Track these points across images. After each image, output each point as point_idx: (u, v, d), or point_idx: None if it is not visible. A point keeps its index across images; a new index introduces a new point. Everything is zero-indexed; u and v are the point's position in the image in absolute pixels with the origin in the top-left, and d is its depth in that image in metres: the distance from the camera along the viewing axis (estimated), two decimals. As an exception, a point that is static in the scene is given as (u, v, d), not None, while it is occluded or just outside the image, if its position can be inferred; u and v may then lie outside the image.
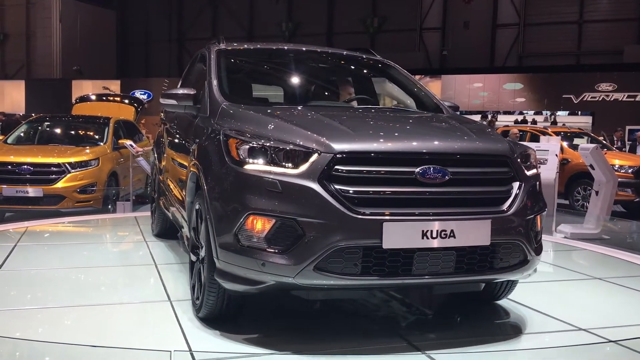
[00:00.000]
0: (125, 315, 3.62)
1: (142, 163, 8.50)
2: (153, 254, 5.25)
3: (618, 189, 7.56)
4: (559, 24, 27.00)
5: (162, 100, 4.05)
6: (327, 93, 4.97)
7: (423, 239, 2.88)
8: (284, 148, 2.99)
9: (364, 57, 4.87)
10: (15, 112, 23.80)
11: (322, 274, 2.84)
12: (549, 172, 7.30)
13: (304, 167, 2.92)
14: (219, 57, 4.27)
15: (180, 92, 3.99)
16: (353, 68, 5.11)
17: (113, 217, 7.80)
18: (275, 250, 2.89)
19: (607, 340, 3.33)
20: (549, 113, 22.86)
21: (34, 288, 4.20)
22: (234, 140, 3.12)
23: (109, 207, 8.49)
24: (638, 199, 10.28)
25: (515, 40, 28.07)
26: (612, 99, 22.74)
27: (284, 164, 2.96)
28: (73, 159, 8.27)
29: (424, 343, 3.19)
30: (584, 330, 3.47)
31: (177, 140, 4.69)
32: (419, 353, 3.04)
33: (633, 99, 22.39)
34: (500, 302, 3.93)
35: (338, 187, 2.88)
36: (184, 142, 4.28)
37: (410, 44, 29.52)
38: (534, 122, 20.36)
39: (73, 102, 13.72)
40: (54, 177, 8.05)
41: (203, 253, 3.34)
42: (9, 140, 9.31)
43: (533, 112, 23.13)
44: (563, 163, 10.51)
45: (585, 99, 23.14)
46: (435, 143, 3.15)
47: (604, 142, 13.29)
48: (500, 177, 3.19)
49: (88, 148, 8.88)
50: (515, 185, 3.18)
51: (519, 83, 24.47)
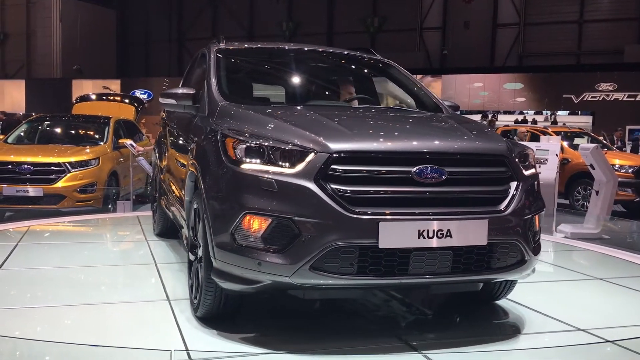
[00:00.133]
0: (124, 315, 3.62)
1: (142, 162, 8.50)
2: (154, 253, 5.25)
3: (618, 189, 7.56)
4: (560, 24, 26.98)
5: (161, 100, 4.05)
6: (326, 93, 4.97)
7: (419, 239, 2.88)
8: (281, 147, 2.99)
9: (364, 56, 4.86)
10: (16, 111, 23.78)
11: (318, 274, 2.84)
12: (549, 171, 7.31)
13: (301, 166, 2.92)
14: (219, 56, 4.27)
15: (180, 91, 3.99)
16: (353, 67, 5.10)
17: (115, 216, 7.79)
18: (272, 250, 2.89)
19: (605, 341, 3.33)
20: (549, 113, 22.84)
21: (35, 287, 4.20)
22: (231, 140, 3.12)
23: (109, 206, 8.49)
24: (638, 199, 10.27)
25: (516, 40, 28.05)
26: (612, 99, 22.73)
27: (281, 164, 2.96)
28: (73, 159, 8.27)
29: (422, 343, 3.18)
30: (583, 331, 3.46)
31: (177, 140, 4.69)
32: (416, 353, 3.04)
33: (633, 99, 22.37)
34: (500, 302, 3.93)
35: (334, 186, 2.88)
36: (184, 141, 4.28)
37: (411, 44, 29.52)
38: (534, 121, 20.34)
39: (73, 101, 13.72)
40: (54, 176, 8.05)
41: (201, 252, 3.34)
42: (9, 140, 9.31)
43: (533, 111, 23.10)
44: (563, 163, 10.50)
45: (586, 99, 23.12)
46: (432, 143, 3.14)
47: (604, 141, 13.29)
48: (498, 176, 3.18)
49: (88, 147, 8.88)
50: (513, 185, 3.17)
51: (519, 83, 24.45)
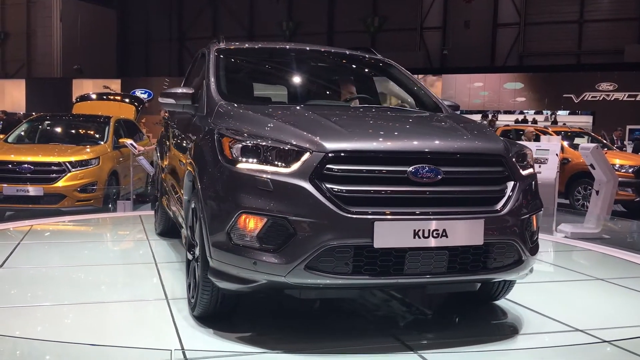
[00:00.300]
0: (122, 314, 3.63)
1: (142, 162, 8.50)
2: (154, 253, 5.26)
3: (618, 189, 7.56)
4: (560, 24, 26.96)
5: (160, 100, 4.05)
6: (326, 92, 4.96)
7: (415, 239, 2.87)
8: (276, 147, 2.99)
9: (364, 56, 4.85)
10: (16, 111, 23.78)
11: (313, 273, 2.84)
12: (550, 171, 7.30)
13: (296, 166, 2.92)
14: (218, 56, 4.28)
15: (179, 91, 4.00)
16: (353, 67, 5.10)
17: (117, 216, 7.78)
18: (267, 249, 2.90)
19: (601, 341, 3.31)
20: (550, 112, 22.83)
21: (35, 286, 4.21)
22: (227, 139, 3.12)
23: (110, 206, 8.49)
24: (638, 199, 10.27)
25: (516, 40, 28.04)
26: (612, 99, 22.71)
27: (276, 163, 2.96)
28: (73, 158, 8.27)
29: (418, 343, 3.18)
30: (581, 331, 3.45)
31: (177, 139, 4.70)
32: (411, 353, 3.04)
33: (633, 99, 22.36)
34: (498, 302, 3.92)
35: (330, 186, 2.88)
36: (183, 141, 4.29)
37: (411, 44, 29.50)
38: (535, 121, 20.33)
39: (73, 101, 13.70)
40: (55, 176, 8.05)
41: (198, 252, 3.34)
42: (10, 139, 9.31)
43: (533, 111, 23.09)
44: (563, 162, 10.50)
45: (586, 99, 23.11)
46: (428, 142, 3.13)
47: (604, 141, 13.28)
48: (495, 176, 3.17)
49: (88, 147, 8.88)
50: (510, 185, 3.16)
51: (520, 82, 24.44)
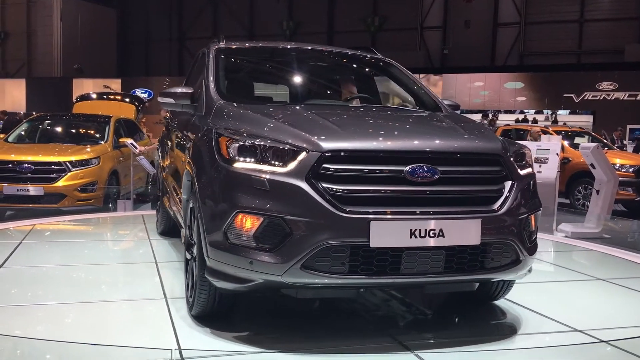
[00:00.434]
0: (121, 313, 3.64)
1: (142, 162, 8.50)
2: (155, 252, 5.27)
3: (619, 188, 7.55)
4: (560, 23, 26.95)
5: (160, 99, 4.05)
6: (326, 92, 4.95)
7: (411, 238, 2.87)
8: (273, 146, 2.99)
9: (364, 55, 4.84)
10: (16, 110, 23.78)
11: (309, 273, 2.84)
12: (550, 171, 7.30)
13: (292, 165, 2.92)
14: (218, 56, 4.28)
15: (179, 90, 4.00)
16: (353, 66, 5.09)
17: (119, 215, 7.78)
18: (263, 249, 2.90)
19: (599, 341, 3.30)
20: (550, 112, 22.81)
21: (35, 285, 4.21)
22: (225, 139, 3.13)
23: (110, 205, 8.49)
24: (639, 198, 10.26)
25: (516, 39, 28.03)
26: (613, 98, 22.71)
27: (273, 163, 2.96)
28: (74, 158, 8.27)
29: (416, 343, 3.17)
30: (580, 332, 3.44)
31: (177, 139, 4.70)
32: (408, 352, 3.04)
33: (634, 98, 22.36)
34: (498, 302, 3.91)
35: (326, 185, 2.87)
36: (183, 140, 4.30)
37: (411, 43, 29.50)
38: (535, 121, 20.33)
39: (74, 100, 13.71)
40: (55, 175, 8.05)
41: (196, 251, 3.35)
42: (10, 139, 9.30)
43: (534, 111, 23.09)
44: (564, 162, 10.49)
45: (586, 98, 23.11)
46: (425, 142, 3.12)
47: (605, 141, 13.28)
48: (492, 176, 3.16)
49: (89, 146, 8.88)
50: (508, 185, 3.15)
51: (520, 82, 24.44)
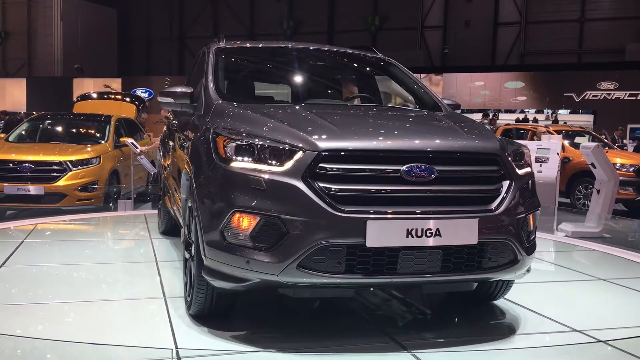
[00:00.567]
0: (120, 312, 3.65)
1: (143, 161, 8.50)
2: (156, 251, 5.28)
3: (619, 188, 7.55)
4: (561, 22, 26.94)
5: (160, 99, 4.06)
6: (326, 91, 4.96)
7: (408, 238, 2.87)
8: (270, 146, 3.00)
9: (364, 54, 4.84)
10: (17, 110, 23.79)
11: (305, 272, 2.85)
12: (551, 170, 7.29)
13: (289, 164, 2.93)
14: (217, 55, 4.28)
15: (178, 90, 4.00)
16: (352, 66, 5.08)
17: (121, 215, 7.77)
18: (260, 248, 2.90)
19: (597, 341, 3.30)
20: (551, 111, 22.81)
21: (36, 284, 4.22)
22: (222, 138, 3.13)
23: (110, 205, 8.49)
24: (639, 198, 10.26)
25: (517, 39, 28.01)
26: (613, 98, 22.70)
27: (270, 162, 2.97)
28: (74, 157, 8.26)
29: (413, 342, 3.17)
30: (579, 332, 3.43)
31: (177, 139, 4.71)
32: (405, 352, 3.04)
33: (634, 98, 22.34)
34: (497, 302, 3.91)
35: (322, 185, 2.88)
36: (182, 140, 4.30)
37: (412, 43, 29.48)
38: (535, 120, 20.32)
39: (74, 100, 13.71)
40: (55, 175, 8.05)
41: (194, 250, 3.35)
42: (11, 138, 9.31)
43: (534, 110, 23.08)
44: (564, 162, 10.49)
45: (587, 98, 23.09)
46: (422, 141, 3.12)
47: (606, 140, 13.27)
48: (489, 175, 3.16)
49: (89, 146, 8.88)
50: (505, 184, 3.14)
51: (521, 81, 24.42)
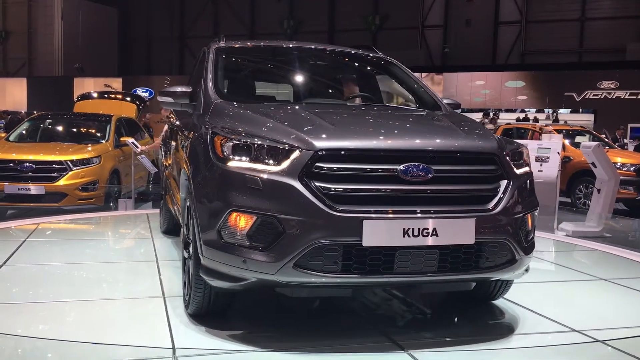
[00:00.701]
0: (120, 311, 3.66)
1: (143, 161, 8.50)
2: (157, 251, 5.30)
3: (620, 187, 7.55)
4: (561, 22, 26.93)
5: (159, 98, 4.06)
6: (326, 90, 4.95)
7: (404, 237, 2.87)
8: (266, 145, 3.00)
9: (365, 54, 4.83)
10: (17, 109, 23.82)
11: (302, 272, 2.85)
12: (551, 170, 7.29)
13: (285, 164, 2.93)
14: (217, 55, 4.29)
15: (178, 90, 4.00)
16: (353, 65, 5.07)
17: (123, 214, 7.77)
18: (257, 247, 2.90)
19: (594, 340, 3.29)
20: (551, 111, 22.80)
21: (37, 283, 4.22)
22: (219, 138, 3.13)
23: (111, 204, 8.49)
24: (640, 197, 10.26)
25: (517, 38, 28.00)
26: (614, 97, 22.70)
27: (267, 161, 2.97)
28: (75, 157, 8.26)
29: (410, 342, 3.16)
30: (578, 332, 3.42)
31: (177, 138, 4.71)
32: (402, 352, 3.04)
33: (635, 97, 22.34)
34: (497, 302, 3.90)
35: (319, 184, 2.88)
36: (182, 139, 4.31)
37: (412, 42, 29.48)
38: (536, 119, 20.32)
39: (75, 99, 13.70)
40: (56, 174, 8.05)
41: (191, 249, 3.36)
42: (11, 138, 9.31)
43: (535, 109, 23.08)
44: (565, 161, 10.49)
45: (588, 97, 23.09)
46: (419, 141, 3.12)
47: (606, 139, 13.27)
48: (487, 175, 3.15)
49: (90, 146, 8.87)
50: (503, 184, 3.14)
51: (521, 81, 24.42)
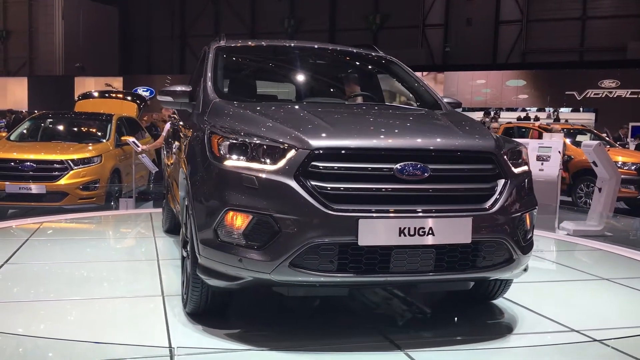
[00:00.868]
0: (119, 310, 3.66)
1: (144, 160, 8.50)
2: (158, 250, 5.31)
3: (621, 186, 7.54)
4: (562, 21, 26.91)
5: (159, 97, 4.07)
6: (327, 90, 4.94)
7: (400, 237, 2.86)
8: (263, 144, 3.00)
9: (366, 53, 4.82)
10: (18, 108, 23.83)
11: (297, 271, 2.84)
12: (552, 168, 7.29)
13: (281, 163, 2.92)
14: (217, 54, 4.29)
15: (178, 89, 4.01)
16: (353, 64, 5.06)
17: (125, 213, 7.77)
18: (252, 246, 2.90)
19: (592, 340, 3.28)
20: (552, 110, 22.79)
21: (38, 282, 4.23)
22: (216, 137, 3.14)
23: (112, 204, 8.49)
24: (641, 196, 10.23)
25: (518, 37, 27.99)
26: (615, 96, 22.69)
27: (263, 160, 2.97)
28: (76, 156, 8.27)
29: (408, 342, 3.16)
30: (577, 332, 3.40)
31: (178, 137, 4.71)
32: (398, 351, 3.03)
33: (636, 96, 22.33)
34: (496, 301, 3.89)
35: (315, 183, 2.87)
36: (182, 138, 4.32)
37: (413, 41, 29.47)
38: (537, 118, 20.31)
39: (76, 98, 13.69)
40: (57, 173, 8.05)
41: (189, 248, 3.36)
42: (12, 137, 9.32)
43: (536, 108, 23.07)
44: (566, 160, 10.48)
45: (589, 96, 23.09)
46: (416, 140, 3.11)
47: (607, 139, 13.26)
48: (484, 174, 3.14)
49: (91, 145, 8.87)
50: (500, 183, 3.12)
51: (522, 80, 24.42)
